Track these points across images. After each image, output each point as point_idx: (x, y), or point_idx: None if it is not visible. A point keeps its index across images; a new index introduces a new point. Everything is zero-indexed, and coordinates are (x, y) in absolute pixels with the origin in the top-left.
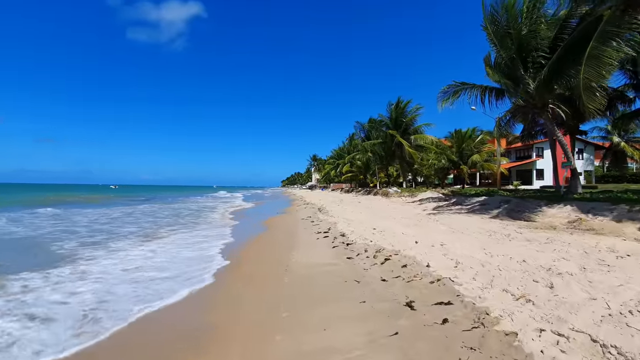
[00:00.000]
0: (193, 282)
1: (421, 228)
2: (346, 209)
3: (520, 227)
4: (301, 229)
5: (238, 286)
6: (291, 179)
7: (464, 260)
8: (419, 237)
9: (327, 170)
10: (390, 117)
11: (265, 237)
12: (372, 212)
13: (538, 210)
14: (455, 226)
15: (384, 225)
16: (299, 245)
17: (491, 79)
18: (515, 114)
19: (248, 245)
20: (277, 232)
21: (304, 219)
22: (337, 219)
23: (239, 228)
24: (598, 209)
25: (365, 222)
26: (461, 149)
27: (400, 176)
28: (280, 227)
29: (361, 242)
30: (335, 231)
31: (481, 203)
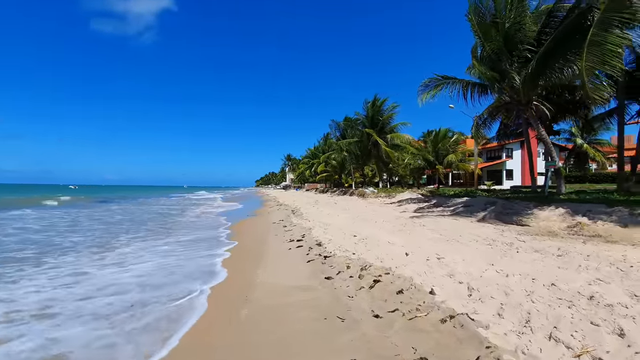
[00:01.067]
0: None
1: (408, 235)
2: (322, 211)
3: (519, 234)
4: (271, 236)
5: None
6: (265, 178)
7: (476, 283)
8: (409, 247)
9: (302, 170)
10: (367, 115)
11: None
12: (350, 214)
13: (528, 212)
14: (446, 232)
15: (366, 231)
16: (268, 258)
17: (477, 70)
18: (498, 110)
19: None
20: (243, 239)
21: (275, 223)
22: (313, 223)
23: (201, 235)
24: (594, 211)
25: (344, 228)
26: (437, 148)
27: (375, 176)
28: (248, 234)
29: (341, 254)
30: (310, 239)
31: (464, 204)
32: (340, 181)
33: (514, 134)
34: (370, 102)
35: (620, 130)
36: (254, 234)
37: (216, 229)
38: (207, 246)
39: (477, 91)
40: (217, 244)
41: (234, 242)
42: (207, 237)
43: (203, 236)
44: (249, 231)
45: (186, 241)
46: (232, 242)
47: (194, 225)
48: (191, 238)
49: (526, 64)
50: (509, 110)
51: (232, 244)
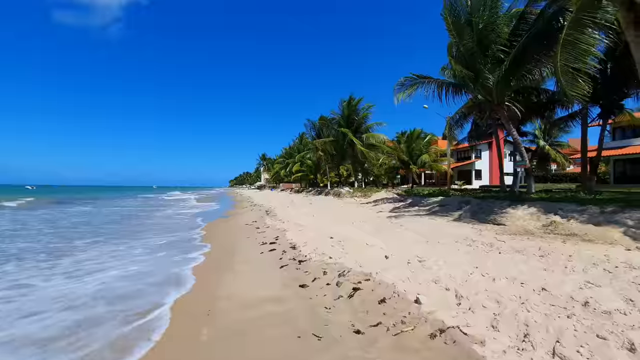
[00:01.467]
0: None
1: (387, 236)
2: (297, 212)
3: (497, 233)
4: (243, 239)
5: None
6: (240, 178)
7: (464, 290)
8: (389, 249)
9: (277, 170)
10: (343, 115)
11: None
12: (326, 215)
13: (502, 211)
14: (425, 232)
15: (343, 232)
16: (238, 264)
17: (453, 67)
18: (471, 110)
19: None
20: (214, 242)
21: (248, 225)
22: (287, 224)
23: (169, 238)
24: (566, 210)
25: (320, 229)
26: (411, 149)
27: (350, 176)
28: (219, 236)
29: (317, 258)
30: (284, 241)
31: (440, 204)
32: (315, 181)
33: (485, 135)
34: (346, 102)
35: (584, 132)
36: (225, 236)
37: (186, 231)
38: (175, 251)
39: (451, 91)
40: (186, 248)
41: (204, 245)
42: (176, 240)
43: (171, 240)
44: (220, 234)
45: (153, 245)
46: (203, 246)
47: (161, 228)
48: (158, 242)
49: (499, 64)
50: (482, 110)
51: (201, 249)
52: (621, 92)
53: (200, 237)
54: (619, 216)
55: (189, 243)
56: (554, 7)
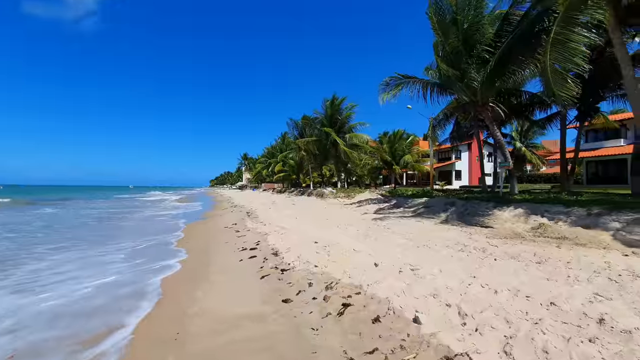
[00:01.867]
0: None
1: (374, 240)
2: (280, 213)
3: (488, 237)
4: (221, 244)
5: None
6: (220, 178)
7: (467, 305)
8: (378, 256)
9: (259, 170)
10: (326, 114)
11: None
12: (309, 217)
13: (488, 213)
14: (413, 236)
15: (328, 236)
16: (214, 274)
17: (439, 66)
18: (456, 111)
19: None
20: (189, 247)
21: (227, 228)
22: (269, 227)
23: (141, 244)
24: (552, 212)
25: (304, 233)
26: (394, 149)
27: (333, 176)
28: (195, 241)
29: (302, 267)
30: (265, 247)
31: (425, 205)
32: (297, 181)
33: (466, 136)
34: (329, 101)
35: (563, 134)
36: (202, 241)
37: (161, 235)
38: (146, 258)
39: (436, 91)
40: (159, 255)
41: (179, 250)
42: (149, 245)
43: (143, 245)
44: (197, 238)
45: (123, 252)
46: (177, 252)
47: (133, 232)
48: (129, 248)
49: (484, 64)
50: (466, 111)
51: (176, 255)
52: (597, 95)
53: (176, 241)
54: (606, 218)
55: (163, 248)
56: (538, 8)
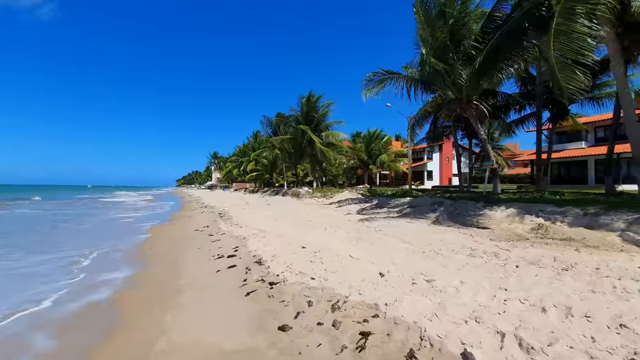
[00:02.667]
0: None
1: (369, 244)
2: (256, 214)
3: (492, 239)
4: (193, 250)
5: None
6: (188, 178)
7: (525, 333)
8: (380, 263)
9: (229, 169)
10: (302, 112)
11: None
12: (290, 218)
13: (479, 213)
14: (410, 239)
15: (316, 240)
16: (186, 290)
17: (426, 61)
18: (440, 108)
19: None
20: (154, 255)
21: (199, 231)
22: (246, 230)
23: (93, 251)
24: (546, 212)
25: (288, 236)
26: (370, 149)
27: (307, 175)
28: (160, 246)
29: (294, 279)
30: (246, 253)
31: (409, 205)
32: (270, 181)
33: (441, 136)
34: (305, 98)
35: (538, 134)
36: (169, 247)
37: (120, 239)
38: (97, 270)
39: (420, 88)
40: (113, 266)
41: (141, 259)
42: (103, 253)
43: (95, 254)
44: (163, 243)
45: (70, 262)
46: (139, 261)
47: (87, 237)
48: (80, 257)
49: (471, 61)
50: (450, 109)
51: (136, 266)
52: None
53: (138, 247)
54: (605, 218)
55: (120, 256)
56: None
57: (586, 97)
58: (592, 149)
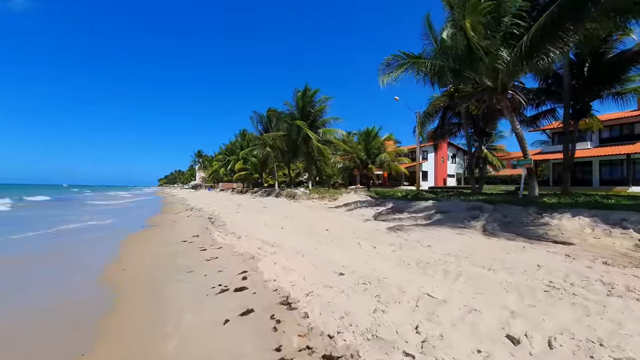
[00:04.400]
0: None
1: (434, 271)
2: (254, 220)
3: (594, 260)
4: (182, 274)
5: None
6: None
7: None
8: (489, 314)
9: (215, 168)
10: (297, 106)
11: (85, 306)
12: (298, 225)
13: (540, 221)
14: (487, 261)
15: (353, 260)
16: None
17: (469, 39)
18: (468, 99)
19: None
20: (124, 283)
21: (187, 242)
22: (249, 241)
23: (48, 266)
24: (631, 221)
25: (309, 252)
26: (369, 147)
27: (299, 175)
28: (135, 266)
29: (367, 344)
30: (261, 284)
31: (438, 210)
32: (259, 181)
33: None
34: (300, 92)
35: (567, 131)
36: (148, 268)
37: (78, 257)
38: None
39: (449, 75)
40: (72, 310)
41: (99, 297)
42: (46, 279)
43: (49, 280)
44: (139, 262)
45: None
46: (95, 301)
47: (39, 253)
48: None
49: (510, 42)
50: (479, 100)
51: (89, 309)
52: (593, 92)
53: (101, 272)
54: None
55: (71, 289)
56: None
57: (610, 92)
58: (596, 150)
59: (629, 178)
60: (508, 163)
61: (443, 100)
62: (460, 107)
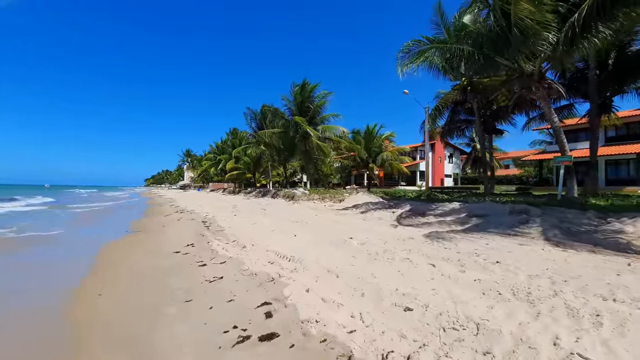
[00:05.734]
0: None
1: (551, 306)
2: (256, 223)
3: None
4: (177, 304)
5: None
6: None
7: None
8: None
9: (205, 167)
10: (295, 101)
11: None
12: (312, 232)
13: (611, 228)
14: (590, 285)
15: (412, 283)
16: None
17: (477, 27)
18: (500, 87)
19: None
20: (97, 317)
21: (181, 255)
22: (259, 253)
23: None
24: None
25: (344, 271)
26: (370, 145)
27: (294, 174)
28: (113, 292)
29: None
30: (293, 324)
31: (470, 213)
32: (252, 180)
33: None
34: (299, 86)
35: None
36: (130, 297)
37: (36, 279)
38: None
39: (478, 61)
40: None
41: (59, 345)
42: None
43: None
44: (119, 285)
45: None
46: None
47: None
48: None
49: (553, 23)
50: (510, 90)
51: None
52: (617, 87)
53: (65, 297)
54: None
55: (22, 338)
56: None
57: (636, 86)
58: (603, 149)
59: (638, 178)
60: (521, 162)
61: (454, 94)
62: (474, 100)
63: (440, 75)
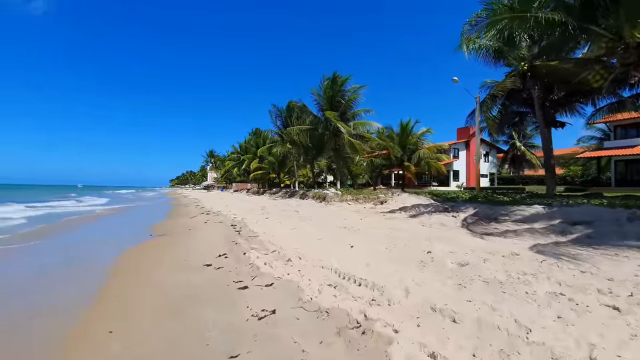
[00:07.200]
0: None
1: None
2: (296, 229)
3: None
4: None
5: None
6: (182, 178)
7: None
8: None
9: (228, 168)
10: (325, 96)
11: None
12: (370, 241)
13: None
14: None
15: (572, 335)
16: None
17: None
18: (587, 66)
19: None
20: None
21: (212, 267)
22: (308, 270)
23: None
24: None
25: (454, 307)
26: (405, 143)
27: (320, 174)
28: (127, 326)
29: None
30: None
31: (567, 220)
32: (276, 181)
33: (511, 123)
34: (329, 79)
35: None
36: (148, 335)
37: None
38: None
39: (570, 31)
40: None
41: None
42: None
43: None
44: (133, 313)
45: None
46: None
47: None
48: None
49: None
50: (605, 67)
51: None
52: None
53: (61, 339)
54: None
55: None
56: None
57: None
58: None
59: None
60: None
61: (509, 82)
62: (534, 87)
63: (491, 62)
